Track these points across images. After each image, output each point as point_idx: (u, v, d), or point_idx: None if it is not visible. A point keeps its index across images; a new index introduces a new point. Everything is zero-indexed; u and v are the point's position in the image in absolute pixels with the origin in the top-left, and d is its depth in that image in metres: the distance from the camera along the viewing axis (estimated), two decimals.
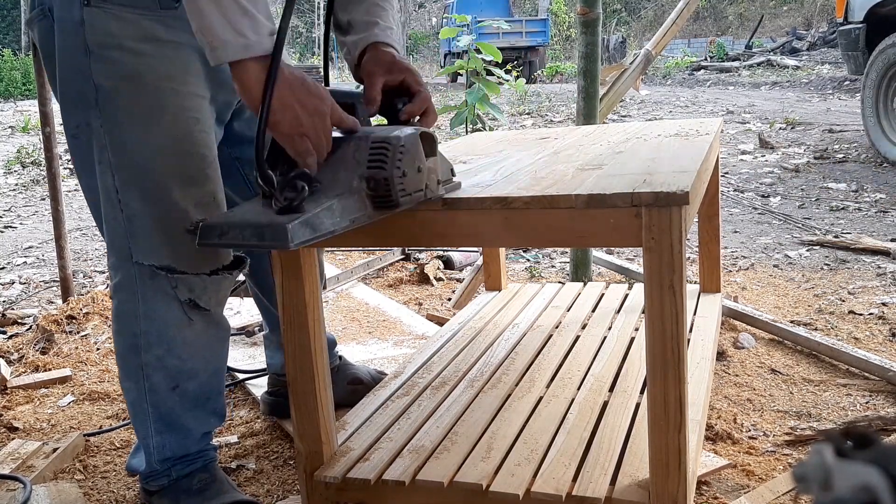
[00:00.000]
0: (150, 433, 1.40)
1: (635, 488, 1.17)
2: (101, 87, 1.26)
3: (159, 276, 1.32)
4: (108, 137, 1.27)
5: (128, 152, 1.27)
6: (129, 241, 1.30)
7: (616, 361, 1.69)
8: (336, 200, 1.01)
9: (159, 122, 1.27)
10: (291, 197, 0.97)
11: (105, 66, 1.25)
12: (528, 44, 18.71)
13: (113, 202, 1.30)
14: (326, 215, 0.99)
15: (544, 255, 3.35)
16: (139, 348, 1.35)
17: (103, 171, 1.29)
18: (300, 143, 1.03)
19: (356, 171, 1.04)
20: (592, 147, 1.62)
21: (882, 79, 4.87)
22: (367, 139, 1.06)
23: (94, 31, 1.24)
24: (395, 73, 1.24)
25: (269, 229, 0.95)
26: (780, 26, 25.14)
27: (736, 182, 4.69)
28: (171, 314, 1.34)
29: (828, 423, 1.69)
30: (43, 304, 3.01)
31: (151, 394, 1.37)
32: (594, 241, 1.13)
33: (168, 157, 1.28)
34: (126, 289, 1.33)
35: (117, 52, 1.25)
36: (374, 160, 1.03)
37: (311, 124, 1.03)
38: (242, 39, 1.00)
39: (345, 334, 2.40)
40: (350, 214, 1.03)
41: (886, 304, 2.40)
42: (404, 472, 1.28)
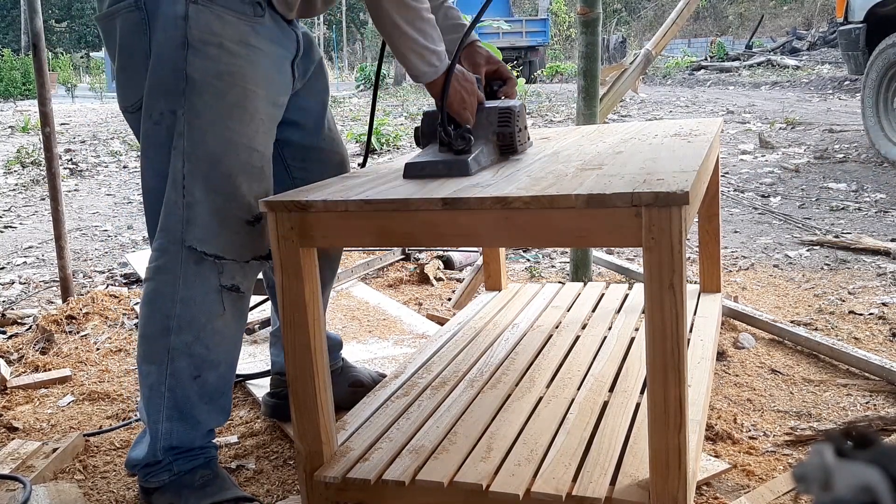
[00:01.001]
0: (161, 418, 1.42)
1: (635, 488, 1.17)
2: (192, 79, 1.35)
3: (206, 263, 1.38)
4: (187, 127, 1.36)
5: (203, 143, 1.37)
6: (183, 225, 1.37)
7: (616, 361, 1.69)
8: (484, 146, 1.48)
9: (238, 119, 1.39)
10: (463, 144, 1.43)
11: (201, 61, 1.35)
12: (528, 44, 18.72)
13: (177, 187, 1.37)
14: (482, 155, 1.46)
15: (544, 255, 3.35)
16: (170, 331, 1.38)
17: (175, 157, 1.37)
18: (464, 112, 1.49)
19: (490, 129, 1.53)
20: (592, 147, 1.62)
21: (882, 79, 4.87)
22: (495, 108, 1.54)
23: (198, 26, 1.35)
24: (492, 64, 1.68)
25: (455, 163, 1.39)
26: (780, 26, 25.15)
27: (736, 182, 4.69)
28: (207, 301, 1.40)
29: (828, 423, 1.69)
30: (43, 304, 3.01)
31: (172, 379, 1.40)
32: (594, 241, 1.13)
33: (240, 153, 1.39)
34: (169, 271, 1.38)
35: (216, 49, 1.36)
36: (503, 121, 1.53)
37: (469, 100, 1.50)
38: (433, 69, 1.44)
39: (345, 333, 2.40)
40: (490, 157, 1.49)
41: (886, 304, 2.40)
42: (404, 473, 1.28)
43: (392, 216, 1.20)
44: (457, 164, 1.38)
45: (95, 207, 5.17)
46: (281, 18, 1.47)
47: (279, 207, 1.25)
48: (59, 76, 18.84)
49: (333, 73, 26.92)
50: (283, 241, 1.25)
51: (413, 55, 1.43)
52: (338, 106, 13.01)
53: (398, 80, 20.70)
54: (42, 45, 2.66)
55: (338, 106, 13.01)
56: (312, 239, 1.25)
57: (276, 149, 1.57)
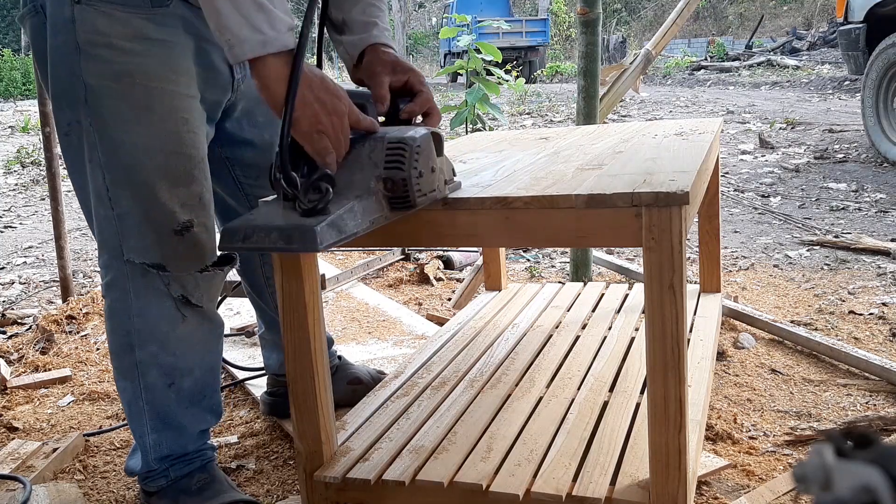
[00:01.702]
0: (146, 431, 1.40)
1: (635, 488, 1.17)
2: (90, 85, 1.25)
3: (151, 274, 1.32)
4: (97, 136, 1.27)
5: (117, 151, 1.27)
6: (119, 239, 1.31)
7: (616, 361, 1.69)
8: (356, 202, 1.00)
9: (148, 121, 1.27)
10: (316, 199, 0.96)
11: (95, 65, 1.24)
12: (528, 44, 18.72)
13: (103, 200, 1.30)
14: (349, 217, 0.98)
15: (544, 255, 3.35)
16: (133, 346, 1.35)
17: (94, 170, 1.29)
18: (319, 140, 1.02)
19: (373, 171, 1.04)
20: (592, 147, 1.62)
21: (882, 79, 4.87)
22: (383, 140, 1.05)
23: (85, 28, 1.23)
24: (398, 74, 1.25)
25: (296, 232, 0.94)
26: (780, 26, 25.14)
27: (736, 182, 4.69)
28: (163, 311, 1.34)
29: (828, 423, 1.69)
30: (43, 304, 3.01)
31: (147, 391, 1.37)
32: (594, 241, 1.13)
33: (156, 157, 1.28)
34: (118, 287, 1.34)
35: (107, 50, 1.24)
36: (392, 161, 1.03)
37: (329, 123, 1.02)
38: (260, 35, 0.99)
39: (345, 334, 2.40)
40: (370, 216, 1.02)
41: (887, 304, 2.40)
42: (404, 473, 1.28)
43: None
44: (299, 233, 0.93)
45: None
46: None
47: None
48: None
49: (333, 73, 26.89)
50: None
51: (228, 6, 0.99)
52: None
53: None
54: None
55: None
56: None
57: (225, 166, 1.49)
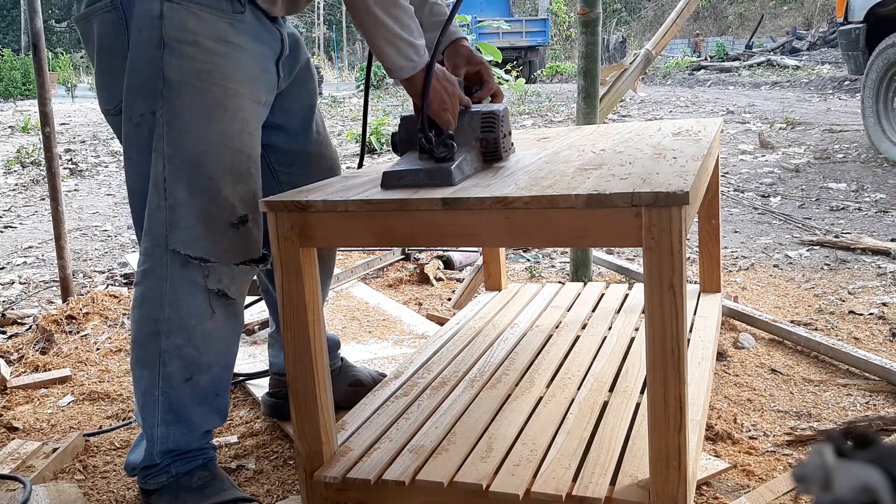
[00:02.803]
0: (156, 422, 1.41)
1: (635, 488, 1.17)
2: (169, 79, 1.32)
3: (191, 265, 1.36)
4: (166, 128, 1.33)
5: (183, 144, 1.34)
6: (167, 228, 1.35)
7: (616, 361, 1.69)
8: (467, 154, 1.38)
9: (220, 119, 1.35)
10: (445, 152, 1.33)
11: (178, 60, 1.32)
12: (528, 44, 18.72)
13: (159, 190, 1.34)
14: (465, 163, 1.35)
15: (544, 255, 3.35)
16: (160, 335, 1.37)
17: (156, 160, 1.34)
18: (444, 114, 1.39)
19: (473, 134, 1.43)
20: (593, 147, 1.62)
21: (882, 79, 4.87)
22: (478, 113, 1.44)
23: (173, 25, 1.31)
24: (473, 65, 1.57)
25: (437, 172, 1.29)
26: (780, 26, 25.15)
27: (736, 182, 4.69)
28: (195, 303, 1.38)
29: (828, 424, 1.69)
30: (43, 304, 3.01)
31: (165, 382, 1.39)
32: (594, 241, 1.13)
33: (222, 153, 1.36)
34: (155, 275, 1.37)
35: (192, 47, 1.32)
36: (486, 126, 1.43)
37: (451, 102, 1.40)
38: (411, 63, 1.35)
39: (345, 334, 2.40)
40: (473, 164, 1.39)
41: (886, 304, 2.40)
42: (404, 473, 1.28)
43: (392, 216, 1.20)
44: (439, 173, 1.29)
45: (95, 207, 5.17)
46: (263, 15, 1.44)
47: (279, 207, 1.25)
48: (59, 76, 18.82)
49: (333, 73, 26.90)
50: (283, 241, 1.25)
51: (389, 46, 1.34)
52: (338, 106, 13.01)
53: None
54: (42, 45, 2.66)
55: (338, 106, 13.01)
56: (312, 239, 1.25)
57: (261, 153, 1.54)
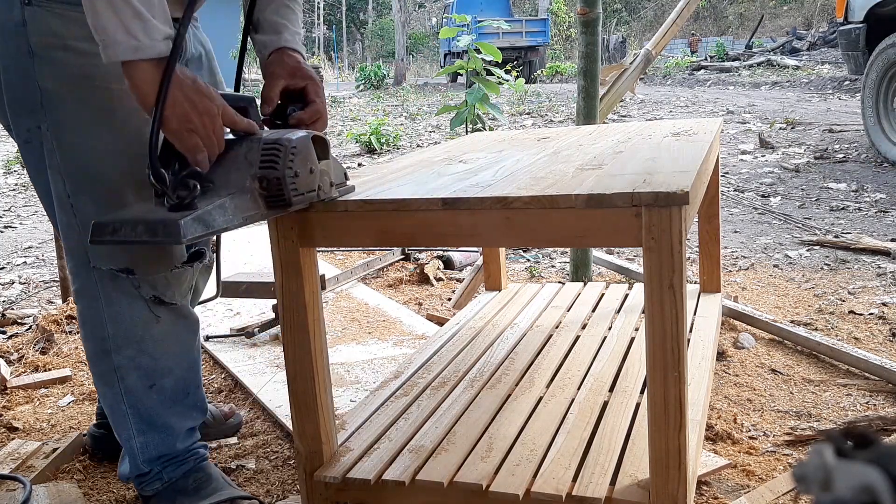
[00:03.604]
0: (131, 434, 1.39)
1: (635, 488, 1.17)
2: (46, 90, 1.21)
3: (120, 278, 1.30)
4: (55, 142, 1.23)
5: (78, 157, 1.24)
6: (84, 246, 1.26)
7: (616, 361, 1.69)
8: (228, 199, 1.05)
9: (110, 125, 1.23)
10: (184, 195, 1.01)
11: (50, 68, 1.21)
12: (528, 44, 18.74)
13: (66, 208, 1.26)
14: (219, 212, 1.03)
15: (544, 255, 3.35)
16: (109, 352, 1.33)
17: (54, 177, 1.26)
18: (189, 138, 1.05)
19: (248, 170, 1.09)
20: (592, 147, 1.62)
21: (882, 79, 4.87)
22: (260, 141, 1.11)
23: (38, 31, 1.19)
24: (297, 79, 1.28)
25: (161, 225, 0.99)
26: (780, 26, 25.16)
27: (736, 182, 4.69)
28: (136, 314, 1.32)
29: (828, 423, 1.69)
30: (43, 304, 3.01)
31: (128, 395, 1.36)
32: (594, 241, 1.13)
33: (120, 161, 1.24)
34: (88, 294, 1.31)
35: (62, 52, 1.20)
36: (266, 160, 1.08)
37: (200, 122, 1.06)
38: (134, 42, 1.02)
39: (345, 334, 2.40)
40: (243, 212, 1.07)
41: (886, 304, 2.40)
42: (404, 472, 1.28)
43: (392, 216, 1.20)
44: (164, 227, 0.98)
45: None
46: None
47: None
48: None
49: (333, 73, 26.91)
50: (283, 241, 1.25)
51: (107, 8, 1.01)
52: (338, 106, 13.01)
53: (398, 79, 20.72)
54: None
55: (338, 106, 13.01)
56: (312, 239, 1.25)
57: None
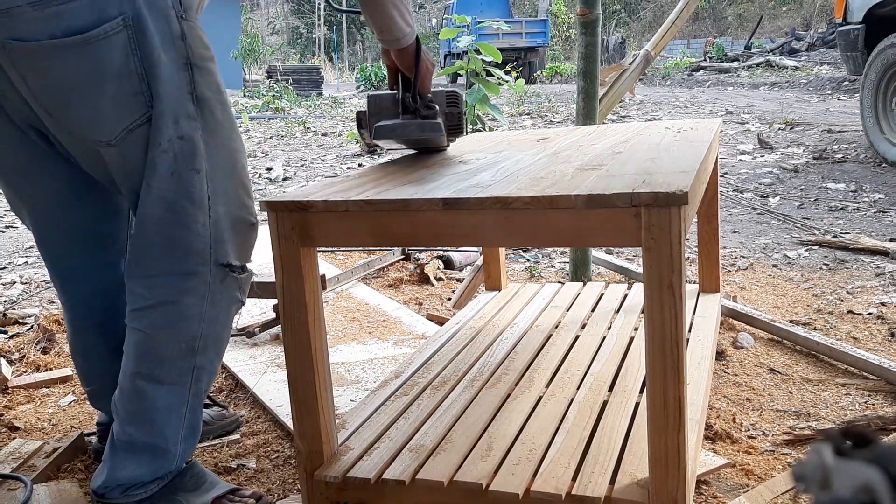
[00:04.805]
0: (179, 439, 1.39)
1: (635, 488, 1.17)
2: (202, 99, 1.31)
3: (229, 279, 1.38)
4: (205, 147, 1.32)
5: (219, 160, 1.35)
6: (212, 245, 1.34)
7: (615, 361, 1.69)
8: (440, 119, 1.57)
9: (235, 127, 1.40)
10: (429, 112, 1.52)
11: (206, 78, 1.32)
12: (528, 44, 18.73)
13: (203, 208, 1.32)
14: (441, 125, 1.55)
15: (544, 255, 3.35)
16: (195, 351, 1.36)
17: (201, 181, 1.31)
18: (428, 82, 1.57)
19: (441, 108, 1.59)
20: (592, 147, 1.62)
21: (881, 79, 4.87)
22: (442, 91, 1.62)
23: (196, 44, 1.30)
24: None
25: (428, 125, 1.50)
26: (779, 27, 25.16)
27: (735, 182, 4.69)
28: (229, 315, 1.42)
29: (827, 423, 1.69)
30: (44, 303, 3.01)
31: (194, 398, 1.39)
32: (594, 241, 1.13)
33: (242, 160, 1.41)
34: (197, 293, 1.34)
35: (211, 63, 1.34)
36: (451, 101, 1.62)
37: (432, 71, 1.58)
38: (411, 30, 1.49)
39: (345, 334, 2.41)
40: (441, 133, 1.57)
41: (885, 304, 2.41)
42: (404, 472, 1.28)
43: (392, 216, 1.21)
44: (430, 126, 1.49)
45: None
46: None
47: (279, 207, 1.25)
48: None
49: (334, 73, 26.89)
50: (283, 240, 1.25)
51: (395, 12, 1.44)
52: (338, 106, 13.01)
53: None
54: None
55: (338, 106, 13.01)
56: (312, 239, 1.25)
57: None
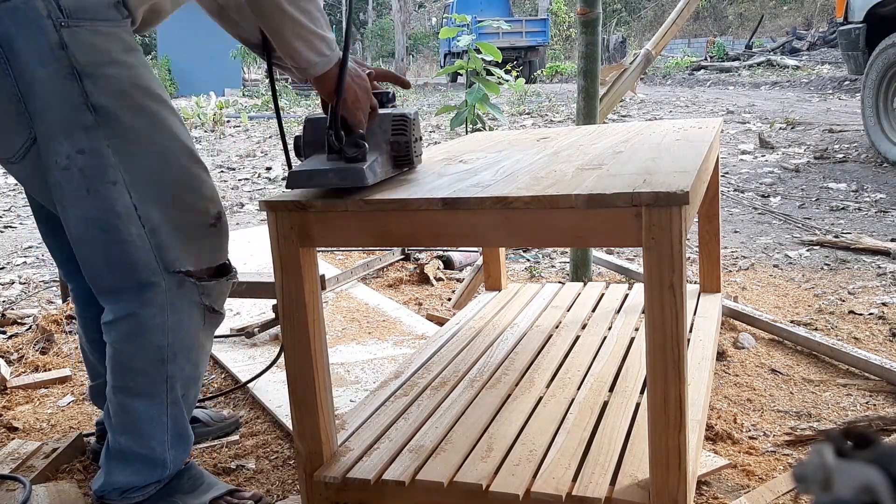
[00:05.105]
0: (167, 447, 1.39)
1: (635, 488, 1.17)
2: (100, 107, 1.23)
3: (187, 285, 1.34)
4: (117, 156, 1.25)
5: (142, 166, 1.27)
6: (155, 254, 1.30)
7: (616, 361, 1.69)
8: (378, 156, 1.32)
9: (162, 129, 1.30)
10: (356, 152, 1.27)
11: (102, 85, 1.23)
12: (528, 44, 18.72)
13: (133, 220, 1.27)
14: (377, 165, 1.30)
15: (544, 255, 3.35)
16: (165, 361, 1.35)
17: (119, 192, 1.26)
18: (357, 113, 1.32)
19: (383, 137, 1.37)
20: (592, 147, 1.62)
21: (882, 79, 4.87)
22: (388, 115, 1.38)
23: (82, 51, 1.21)
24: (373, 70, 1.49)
25: (349, 172, 1.24)
26: (780, 26, 25.16)
27: (736, 182, 4.69)
28: (195, 322, 1.37)
29: (828, 424, 1.69)
30: (43, 304, 3.01)
31: (172, 406, 1.38)
32: (594, 241, 1.13)
33: (179, 161, 1.32)
34: (153, 303, 1.31)
35: (112, 67, 1.24)
36: (398, 129, 1.37)
37: (364, 100, 1.34)
38: (324, 59, 1.28)
39: (345, 334, 2.40)
40: (384, 168, 1.34)
41: (886, 304, 2.40)
42: (404, 472, 1.28)
43: (392, 216, 1.21)
44: (350, 173, 1.24)
45: None
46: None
47: (279, 207, 1.25)
48: None
49: None
50: (283, 241, 1.25)
51: (299, 41, 1.26)
52: None
53: None
54: None
55: None
56: (312, 239, 1.25)
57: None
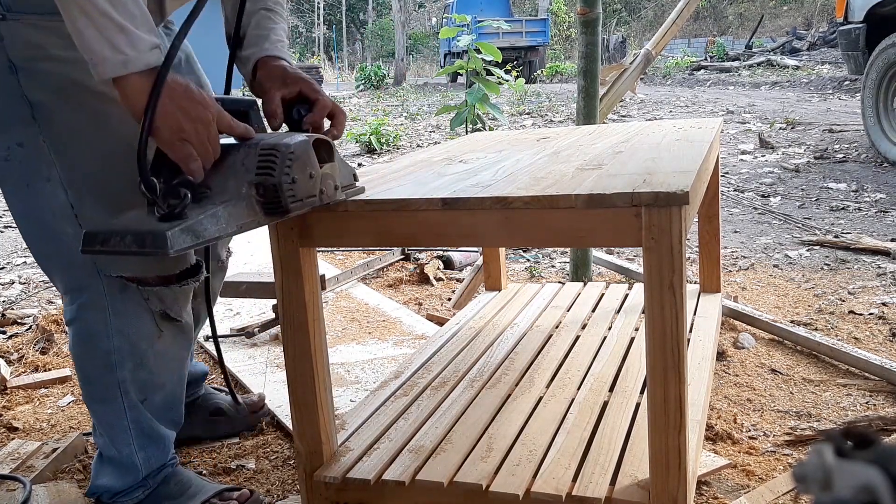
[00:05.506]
0: (134, 449, 1.38)
1: (635, 488, 1.17)
2: (36, 102, 1.19)
3: (130, 289, 1.29)
4: (54, 153, 1.21)
5: (79, 164, 1.22)
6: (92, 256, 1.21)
7: (616, 361, 1.69)
8: (222, 207, 1.01)
9: (106, 127, 1.21)
10: (174, 204, 0.97)
11: (37, 80, 1.18)
12: (528, 44, 18.75)
13: (68, 219, 1.23)
14: (210, 221, 0.99)
15: (544, 255, 3.35)
16: (113, 367, 1.32)
17: (53, 190, 1.22)
18: (181, 148, 1.02)
19: (245, 177, 1.04)
20: (592, 147, 1.62)
21: (882, 79, 4.87)
22: (257, 146, 1.06)
23: (17, 45, 1.17)
24: (289, 85, 1.25)
25: (149, 236, 0.95)
26: (780, 26, 25.16)
27: (736, 182, 4.69)
28: (143, 327, 1.32)
29: (828, 423, 1.69)
30: (43, 303, 3.01)
31: (130, 410, 1.36)
32: (594, 241, 1.13)
33: (122, 163, 1.20)
34: (95, 307, 1.29)
35: (47, 62, 1.18)
36: (263, 166, 1.04)
37: (193, 130, 1.03)
38: (121, 56, 0.99)
39: (345, 334, 2.40)
40: (238, 220, 1.03)
41: (886, 304, 2.40)
42: (404, 472, 1.28)
43: (392, 216, 1.20)
44: (151, 237, 0.95)
45: None
46: None
47: None
48: None
49: (333, 73, 26.91)
50: (283, 240, 1.25)
51: (84, 21, 0.98)
52: None
53: (398, 79, 20.71)
54: None
55: None
56: (312, 239, 1.25)
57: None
